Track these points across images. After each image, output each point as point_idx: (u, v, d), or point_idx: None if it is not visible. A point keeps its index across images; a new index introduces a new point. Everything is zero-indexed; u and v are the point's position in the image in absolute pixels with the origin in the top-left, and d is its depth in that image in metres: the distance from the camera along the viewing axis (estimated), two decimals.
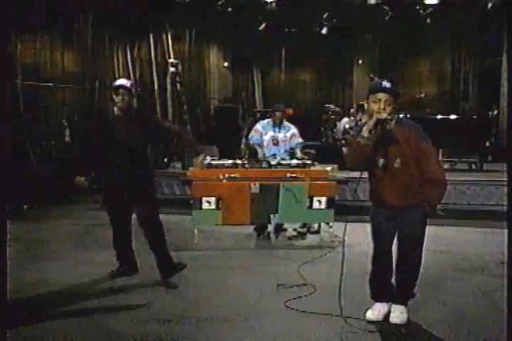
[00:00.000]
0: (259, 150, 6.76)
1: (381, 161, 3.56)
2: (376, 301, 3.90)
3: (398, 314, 3.76)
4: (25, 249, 5.88)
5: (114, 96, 4.56)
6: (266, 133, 6.74)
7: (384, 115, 3.43)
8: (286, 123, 6.81)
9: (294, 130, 6.76)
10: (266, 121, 6.96)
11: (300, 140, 6.77)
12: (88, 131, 4.80)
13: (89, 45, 11.03)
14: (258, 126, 6.88)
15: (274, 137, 6.71)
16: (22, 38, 9.69)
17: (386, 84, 3.49)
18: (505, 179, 7.05)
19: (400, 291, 3.86)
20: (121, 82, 4.65)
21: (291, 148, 6.71)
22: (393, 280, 3.89)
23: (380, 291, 3.91)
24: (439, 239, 6.47)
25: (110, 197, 4.77)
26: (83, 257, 5.54)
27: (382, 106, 3.44)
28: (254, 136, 6.85)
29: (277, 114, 6.69)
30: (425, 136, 3.55)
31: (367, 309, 3.87)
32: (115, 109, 4.59)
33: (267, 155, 6.64)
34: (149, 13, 11.58)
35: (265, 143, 6.73)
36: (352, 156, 3.68)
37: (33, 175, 8.65)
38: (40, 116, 10.01)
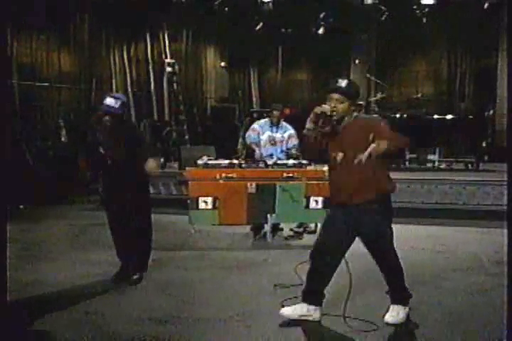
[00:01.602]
0: (256, 150, 6.76)
1: (336, 156, 3.58)
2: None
3: (394, 314, 3.76)
4: (22, 249, 5.87)
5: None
6: (263, 133, 6.74)
7: (325, 109, 3.48)
8: (283, 123, 6.81)
9: (291, 131, 6.75)
10: (263, 120, 6.96)
11: (297, 141, 6.77)
12: (89, 135, 4.82)
13: (85, 45, 11.01)
14: (255, 126, 6.88)
15: (272, 137, 6.71)
16: (18, 37, 9.67)
17: (341, 83, 3.58)
18: (502, 179, 7.12)
19: (391, 292, 3.85)
20: (109, 104, 4.46)
21: (288, 149, 6.71)
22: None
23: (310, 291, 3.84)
24: (435, 238, 6.50)
25: (108, 198, 4.77)
26: (80, 257, 5.53)
27: (333, 105, 3.51)
28: (251, 135, 6.84)
29: (275, 113, 6.69)
30: (379, 121, 3.74)
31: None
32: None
33: (264, 155, 6.65)
34: (146, 12, 11.56)
35: (262, 143, 6.73)
36: (303, 147, 3.98)
37: (29, 175, 8.63)
38: (36, 116, 9.99)
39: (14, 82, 9.42)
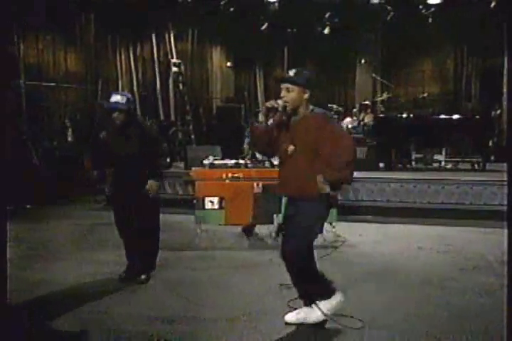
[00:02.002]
0: None
1: (287, 148, 3.56)
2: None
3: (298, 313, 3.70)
4: (28, 249, 5.88)
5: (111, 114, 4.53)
6: None
7: (275, 103, 3.51)
8: None
9: None
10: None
11: None
12: (93, 135, 4.89)
13: (91, 45, 11.03)
14: None
15: None
16: (24, 38, 9.70)
17: (289, 73, 3.58)
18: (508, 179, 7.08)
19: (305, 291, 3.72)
20: (116, 100, 4.49)
21: None
22: None
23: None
24: (442, 238, 6.48)
25: (115, 197, 4.78)
26: (87, 257, 5.54)
27: (282, 94, 3.53)
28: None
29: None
30: (332, 121, 3.64)
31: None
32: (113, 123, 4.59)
33: None
34: (152, 12, 11.58)
35: None
36: (253, 140, 3.95)
37: (35, 175, 8.66)
38: (42, 116, 10.02)
39: (21, 82, 9.45)
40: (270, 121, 3.59)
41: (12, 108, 9.19)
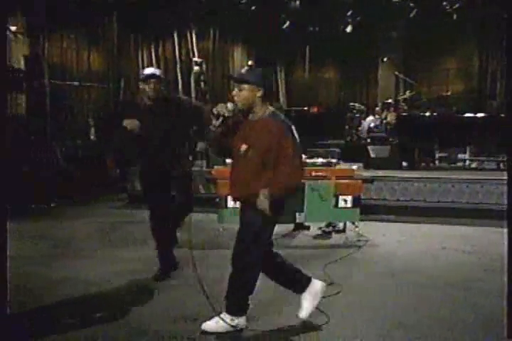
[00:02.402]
0: None
1: (240, 147, 3.45)
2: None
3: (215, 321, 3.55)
4: (51, 247, 5.91)
5: (143, 86, 4.44)
6: None
7: (222, 110, 3.46)
8: None
9: None
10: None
11: None
12: (118, 120, 4.64)
13: (114, 44, 11.10)
14: None
15: None
16: (49, 37, 9.80)
17: (241, 71, 3.60)
18: None
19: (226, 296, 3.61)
20: (152, 71, 4.50)
21: None
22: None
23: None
24: (467, 239, 6.39)
25: (148, 186, 4.69)
26: (110, 254, 5.55)
27: (234, 94, 3.45)
28: None
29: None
30: (289, 134, 3.40)
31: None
32: (145, 98, 4.51)
33: None
34: (173, 11, 11.61)
35: None
36: (210, 143, 3.86)
37: (59, 173, 8.75)
38: (66, 115, 10.11)
39: (45, 81, 9.55)
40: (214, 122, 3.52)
41: (37, 107, 9.31)
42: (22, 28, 9.12)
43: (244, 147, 3.41)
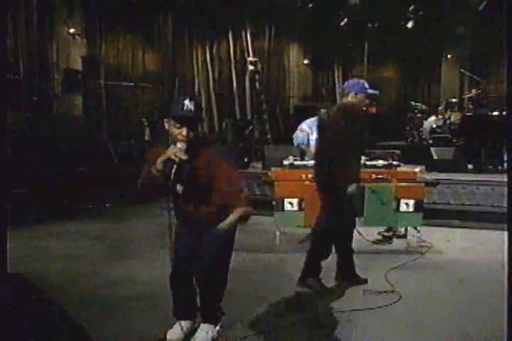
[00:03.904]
0: (307, 151, 6.46)
1: (179, 188, 3.18)
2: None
3: (203, 333, 3.41)
4: (109, 247, 5.96)
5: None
6: (312, 133, 6.43)
7: (179, 155, 2.97)
8: None
9: None
10: (312, 119, 6.62)
11: None
12: None
13: (169, 45, 11.14)
14: (303, 125, 6.61)
15: None
16: (106, 38, 9.90)
17: (189, 107, 3.01)
18: None
19: (201, 309, 3.53)
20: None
21: None
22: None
23: None
24: None
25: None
26: (164, 257, 5.39)
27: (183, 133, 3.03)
28: (299, 135, 6.58)
29: (322, 111, 6.33)
30: (226, 157, 3.18)
31: None
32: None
33: None
34: (228, 10, 11.55)
35: (312, 143, 6.38)
36: (144, 185, 3.25)
37: (115, 173, 8.80)
38: (121, 115, 10.20)
39: (101, 82, 9.65)
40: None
41: (93, 108, 9.43)
42: (80, 29, 9.25)
43: (179, 187, 3.23)
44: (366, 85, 4.47)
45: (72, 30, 9.12)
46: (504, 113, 8.86)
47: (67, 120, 8.87)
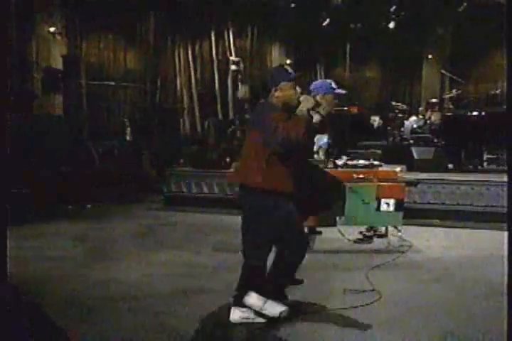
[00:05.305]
0: None
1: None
2: None
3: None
4: (90, 248, 5.89)
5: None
6: None
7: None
8: None
9: None
10: None
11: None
12: None
13: (151, 44, 11.08)
14: None
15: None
16: (87, 37, 9.83)
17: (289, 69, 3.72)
18: None
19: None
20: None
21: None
22: None
23: None
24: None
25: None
26: (148, 257, 5.48)
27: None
28: None
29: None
30: None
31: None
32: None
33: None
34: (211, 10, 11.53)
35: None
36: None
37: (95, 174, 8.73)
38: (102, 115, 10.14)
39: (82, 81, 9.58)
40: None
41: (74, 107, 9.35)
42: (60, 28, 9.16)
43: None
44: (334, 85, 4.31)
45: (52, 29, 9.03)
46: (483, 113, 8.95)
47: (46, 119, 8.78)
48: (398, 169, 6.14)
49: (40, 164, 7.85)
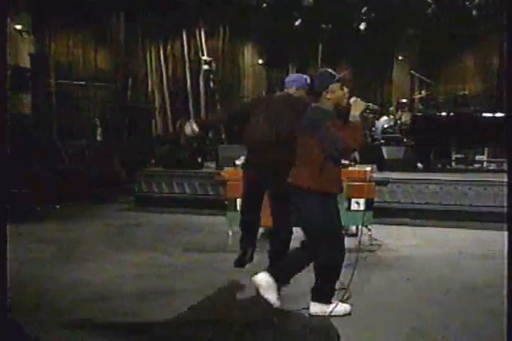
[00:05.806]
0: None
1: None
2: None
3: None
4: (59, 249, 5.80)
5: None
6: None
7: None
8: None
9: None
10: None
11: None
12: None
13: (121, 43, 10.98)
14: None
15: None
16: (55, 36, 9.70)
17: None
18: None
19: None
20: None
21: None
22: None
23: None
24: (484, 243, 6.20)
25: (250, 175, 4.39)
26: (117, 258, 5.43)
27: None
28: None
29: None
30: None
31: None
32: None
33: None
34: (182, 10, 11.47)
35: None
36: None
37: (65, 174, 8.62)
38: (72, 115, 10.01)
39: (51, 81, 9.45)
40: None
41: (42, 106, 9.20)
42: (27, 26, 9.01)
43: None
44: (309, 81, 4.38)
45: (18, 27, 8.87)
46: (451, 113, 9.09)
47: (14, 119, 8.63)
48: (368, 168, 6.17)
49: (5, 164, 7.70)
